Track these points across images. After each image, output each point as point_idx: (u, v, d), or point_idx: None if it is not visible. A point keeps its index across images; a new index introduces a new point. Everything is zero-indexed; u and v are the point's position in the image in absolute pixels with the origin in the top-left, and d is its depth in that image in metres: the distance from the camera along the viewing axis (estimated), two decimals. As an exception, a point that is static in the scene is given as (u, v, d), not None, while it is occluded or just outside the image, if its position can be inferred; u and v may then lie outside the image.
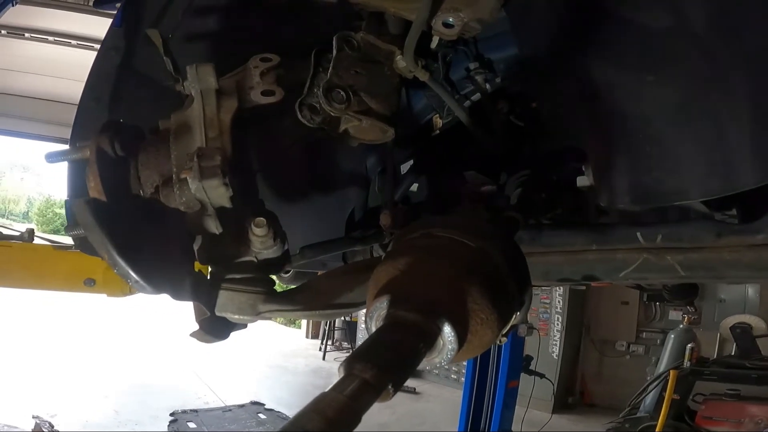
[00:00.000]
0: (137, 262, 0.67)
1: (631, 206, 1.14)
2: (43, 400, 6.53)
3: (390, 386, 0.47)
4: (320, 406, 0.42)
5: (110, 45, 1.37)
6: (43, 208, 35.86)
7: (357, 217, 1.67)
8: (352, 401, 0.44)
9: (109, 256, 0.64)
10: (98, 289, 3.00)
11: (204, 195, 0.74)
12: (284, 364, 10.37)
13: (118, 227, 0.65)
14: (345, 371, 0.47)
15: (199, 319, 0.82)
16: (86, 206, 0.64)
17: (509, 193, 1.33)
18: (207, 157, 0.73)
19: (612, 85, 1.06)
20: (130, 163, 0.81)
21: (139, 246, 0.69)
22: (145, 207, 0.78)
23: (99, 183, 0.70)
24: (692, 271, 1.22)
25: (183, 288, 0.77)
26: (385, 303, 0.58)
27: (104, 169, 0.73)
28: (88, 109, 1.39)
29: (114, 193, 0.72)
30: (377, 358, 0.49)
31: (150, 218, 0.76)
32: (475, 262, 0.65)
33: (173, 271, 0.76)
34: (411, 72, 1.15)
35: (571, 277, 1.42)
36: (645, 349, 8.10)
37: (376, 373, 0.47)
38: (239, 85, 0.97)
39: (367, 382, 0.46)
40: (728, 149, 0.91)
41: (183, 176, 0.74)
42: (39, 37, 8.24)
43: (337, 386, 0.45)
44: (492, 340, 0.63)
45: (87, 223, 0.63)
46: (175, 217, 0.77)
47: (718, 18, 0.90)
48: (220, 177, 0.73)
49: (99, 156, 0.73)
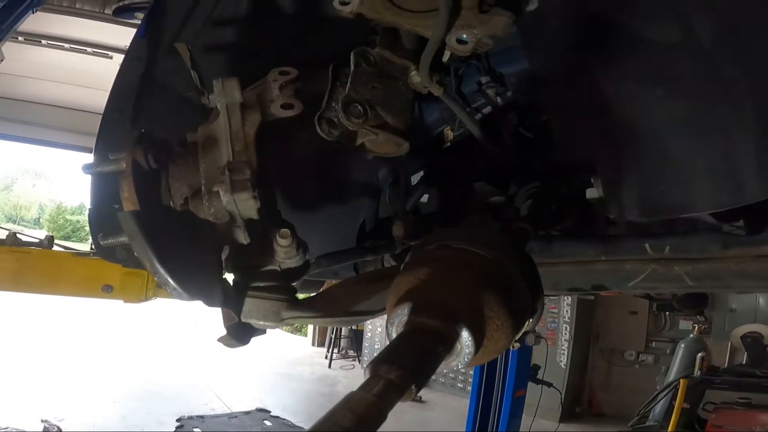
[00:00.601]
0: (175, 271, 0.71)
1: (640, 218, 1.17)
2: (52, 403, 6.58)
3: (413, 386, 0.51)
4: (350, 404, 0.46)
5: (134, 55, 1.39)
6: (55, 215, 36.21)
7: (368, 228, 1.70)
8: (379, 400, 0.48)
9: (151, 265, 0.69)
10: (115, 296, 3.05)
11: (234, 207, 0.78)
12: (290, 371, 10.39)
13: (156, 237, 0.70)
14: (371, 373, 0.51)
15: (228, 325, 0.86)
16: (132, 217, 0.69)
17: (519, 204, 1.35)
18: (237, 171, 0.77)
19: (621, 99, 1.09)
20: (161, 175, 0.85)
21: (175, 255, 0.73)
22: (176, 218, 0.82)
23: (134, 194, 0.74)
24: (700, 281, 1.24)
25: (214, 295, 0.82)
26: (407, 310, 0.61)
27: (138, 181, 0.77)
28: (112, 120, 1.41)
29: (147, 204, 0.76)
30: (401, 360, 0.53)
31: (182, 229, 0.80)
32: (490, 272, 0.69)
33: (205, 279, 0.81)
34: (426, 87, 1.18)
35: (581, 287, 1.45)
36: (654, 358, 8.05)
37: (401, 374, 0.51)
38: (260, 98, 1.00)
39: (392, 383, 0.50)
40: (735, 163, 0.94)
41: (215, 189, 0.78)
42: (55, 45, 8.34)
43: (365, 386, 0.49)
44: (506, 345, 0.67)
45: (132, 233, 0.68)
46: (205, 227, 0.81)
47: (725, 33, 0.93)
48: (250, 190, 0.77)
49: (134, 168, 0.77)
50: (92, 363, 8.89)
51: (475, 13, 0.97)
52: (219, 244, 0.86)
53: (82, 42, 8.39)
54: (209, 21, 1.35)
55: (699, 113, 0.98)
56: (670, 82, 1.01)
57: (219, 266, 0.87)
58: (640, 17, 1.03)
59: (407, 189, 1.59)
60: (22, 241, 3.13)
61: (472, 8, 0.96)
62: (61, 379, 7.76)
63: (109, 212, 1.38)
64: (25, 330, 10.40)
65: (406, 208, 1.55)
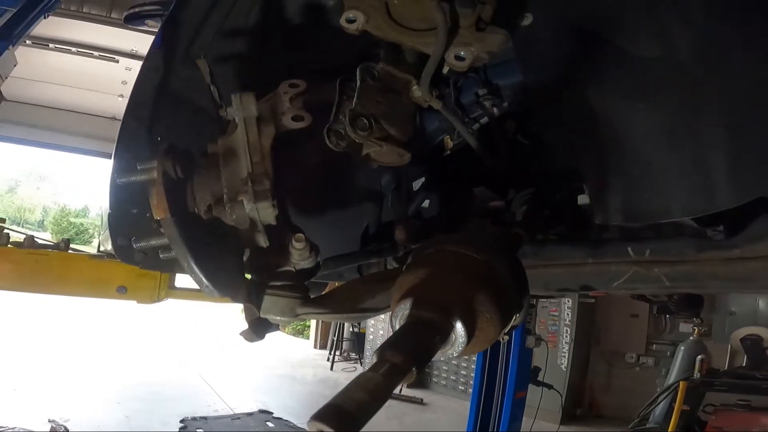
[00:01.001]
0: (207, 271, 0.80)
1: (623, 223, 1.24)
2: (58, 404, 6.67)
3: (414, 369, 0.60)
4: (361, 382, 0.56)
5: (150, 65, 1.43)
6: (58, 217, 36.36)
7: (371, 232, 1.76)
8: (385, 379, 0.57)
9: (188, 266, 0.78)
10: (129, 297, 3.15)
11: (256, 214, 0.87)
12: (292, 373, 10.44)
13: (191, 241, 0.79)
14: (378, 357, 0.61)
15: (249, 320, 0.95)
16: (173, 223, 0.78)
17: (515, 210, 1.42)
18: (258, 181, 0.86)
19: (607, 111, 1.15)
20: (187, 184, 0.93)
21: (205, 257, 0.82)
22: (202, 224, 0.91)
23: (164, 202, 0.82)
24: (676, 282, 1.32)
25: (240, 292, 0.91)
26: (408, 305, 0.71)
27: (167, 190, 0.85)
28: (130, 128, 1.45)
29: (175, 211, 0.84)
30: (403, 347, 0.63)
31: (208, 233, 0.88)
32: (481, 273, 0.78)
33: (232, 279, 0.90)
34: (426, 102, 1.23)
35: (570, 287, 1.53)
36: (655, 361, 8.08)
37: (403, 358, 0.60)
38: (273, 110, 1.05)
39: (396, 365, 0.59)
40: (708, 172, 1.00)
41: (239, 198, 0.87)
42: (63, 48, 8.39)
43: (374, 368, 0.59)
44: (495, 336, 0.76)
45: (173, 237, 0.77)
46: (229, 232, 0.90)
47: (700, 47, 0.99)
48: (270, 199, 0.86)
49: (165, 177, 0.85)
50: (97, 364, 8.97)
51: (471, 31, 1.04)
52: (241, 247, 0.95)
53: (89, 46, 8.41)
54: (220, 32, 1.39)
55: (676, 125, 1.05)
56: (650, 95, 1.08)
57: (242, 267, 0.96)
58: (625, 32, 1.09)
59: (409, 195, 1.66)
60: (39, 244, 3.23)
61: (469, 27, 1.04)
62: (67, 379, 7.84)
63: (128, 216, 1.46)
64: (32, 330, 10.48)
65: (407, 213, 1.62)
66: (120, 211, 1.46)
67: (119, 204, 1.45)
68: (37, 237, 3.55)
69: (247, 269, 0.96)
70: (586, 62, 1.17)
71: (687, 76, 1.01)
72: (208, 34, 1.39)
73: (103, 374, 8.43)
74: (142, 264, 1.44)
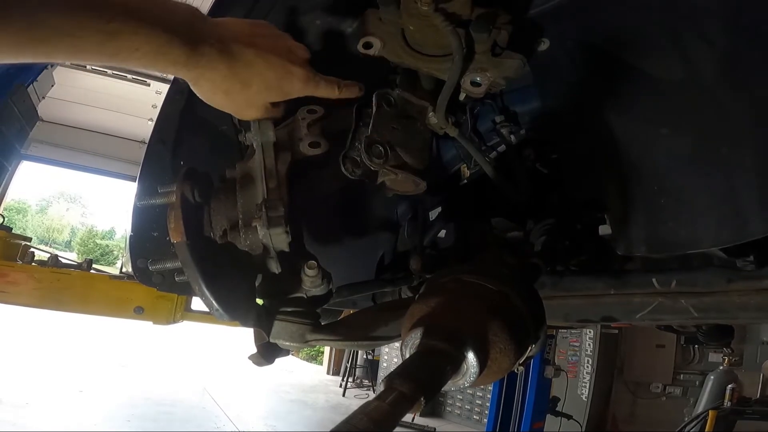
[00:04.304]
0: (218, 295, 0.81)
1: (647, 254, 1.21)
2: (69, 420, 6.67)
3: (422, 399, 0.59)
4: (367, 410, 0.55)
5: (176, 89, 1.43)
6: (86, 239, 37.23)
7: (387, 261, 1.75)
8: (392, 408, 0.56)
9: (199, 289, 0.78)
10: (146, 317, 3.21)
11: (269, 240, 0.87)
12: (304, 398, 10.33)
13: (203, 265, 0.79)
14: (386, 385, 0.60)
15: (258, 344, 0.94)
16: (186, 246, 0.79)
17: (534, 240, 1.39)
18: (273, 208, 0.87)
19: (629, 138, 1.13)
20: (204, 209, 0.95)
21: (218, 281, 0.82)
22: (217, 248, 0.91)
23: (181, 225, 0.83)
24: (705, 314, 1.27)
25: (249, 317, 0.91)
26: (419, 333, 0.70)
27: (185, 214, 0.87)
28: (155, 152, 1.46)
29: (191, 235, 0.85)
30: (412, 376, 0.61)
31: (221, 258, 0.89)
32: (496, 303, 0.77)
33: (242, 303, 0.90)
34: (442, 129, 1.22)
35: (591, 319, 1.49)
36: (682, 390, 7.80)
37: (412, 387, 0.59)
38: (290, 136, 1.05)
39: (404, 394, 0.58)
40: (738, 199, 0.97)
41: (253, 224, 0.87)
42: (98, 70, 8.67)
43: (380, 396, 0.58)
44: (509, 367, 0.75)
45: (185, 260, 0.78)
46: (242, 257, 0.91)
47: (727, 70, 0.96)
48: (283, 225, 0.86)
49: (183, 202, 0.87)
50: (110, 381, 9.01)
51: (488, 56, 1.04)
52: (254, 272, 0.95)
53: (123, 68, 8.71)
54: None
55: (702, 150, 1.02)
56: (674, 120, 1.05)
57: (253, 292, 0.96)
58: (646, 55, 1.08)
59: (425, 224, 1.65)
60: (62, 263, 3.33)
61: (485, 52, 1.03)
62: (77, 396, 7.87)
63: (148, 239, 1.48)
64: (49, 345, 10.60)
65: (423, 242, 1.61)
66: (141, 234, 1.47)
67: (140, 226, 1.47)
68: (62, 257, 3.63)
69: (259, 294, 0.96)
70: (606, 87, 1.16)
71: (712, 99, 0.98)
72: None
73: (115, 391, 8.45)
74: (160, 286, 1.45)
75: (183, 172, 0.93)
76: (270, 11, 1.39)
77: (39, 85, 4.47)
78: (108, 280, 3.28)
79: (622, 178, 1.17)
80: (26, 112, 4.45)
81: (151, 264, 0.90)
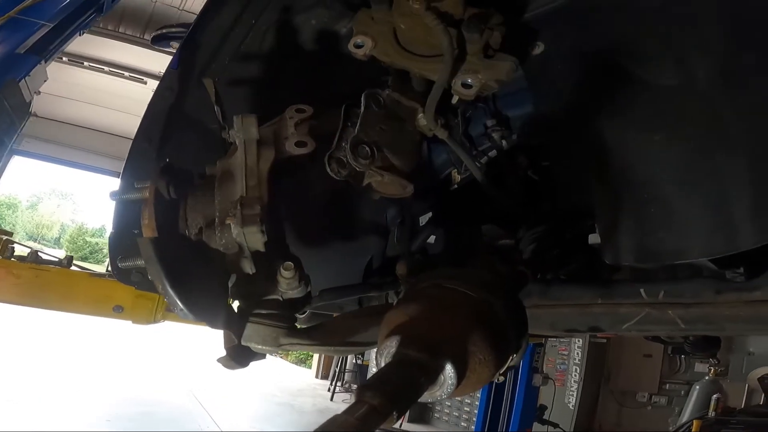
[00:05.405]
0: (184, 294, 0.77)
1: (636, 264, 1.18)
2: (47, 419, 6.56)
3: (394, 413, 0.55)
4: (334, 426, 0.51)
5: (166, 85, 1.42)
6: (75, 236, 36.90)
7: (375, 265, 1.72)
8: (361, 423, 0.52)
9: (163, 287, 0.75)
10: (125, 317, 3.15)
11: (243, 239, 0.84)
12: (291, 401, 10.24)
13: (170, 262, 0.76)
14: (356, 397, 0.56)
15: (228, 347, 0.91)
16: (149, 243, 0.75)
17: (524, 248, 1.37)
18: (249, 206, 0.84)
19: (621, 144, 1.11)
20: (180, 205, 0.91)
21: (186, 280, 0.79)
22: (190, 246, 0.88)
23: (153, 222, 0.80)
24: (692, 325, 1.25)
25: (218, 318, 0.87)
26: (395, 342, 0.66)
27: (158, 210, 0.83)
28: (140, 148, 1.44)
29: (164, 232, 0.82)
30: (385, 388, 0.58)
31: (194, 256, 0.86)
32: (476, 311, 0.74)
33: (211, 303, 0.86)
34: (431, 130, 1.20)
35: (578, 328, 1.46)
36: (668, 400, 7.83)
37: (383, 400, 0.55)
38: (276, 135, 1.02)
39: (375, 408, 0.54)
40: (729, 210, 0.94)
41: (227, 222, 0.84)
42: (96, 67, 8.59)
43: (349, 410, 0.54)
44: (489, 378, 0.71)
45: (148, 258, 0.74)
46: (216, 256, 0.87)
47: (722, 76, 0.94)
48: (258, 224, 0.83)
49: (156, 197, 0.84)
50: (89, 381, 8.86)
51: (479, 58, 1.02)
52: (227, 272, 0.92)
53: (120, 65, 8.64)
54: (236, 56, 1.39)
55: (695, 158, 1.00)
56: (667, 127, 1.03)
57: (225, 292, 0.92)
58: (641, 60, 1.06)
59: (414, 229, 1.62)
60: (42, 259, 3.26)
61: (476, 53, 1.02)
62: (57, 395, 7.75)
63: (128, 236, 1.44)
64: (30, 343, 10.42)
65: (411, 248, 1.58)
66: (122, 232, 1.44)
67: (122, 224, 1.44)
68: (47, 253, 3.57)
69: (232, 295, 0.93)
70: (599, 92, 1.14)
71: (706, 106, 0.97)
72: (225, 57, 1.39)
73: (94, 391, 8.31)
74: (139, 285, 1.41)
75: (160, 168, 0.91)
76: (264, 10, 1.37)
77: (31, 80, 4.40)
78: (88, 277, 3.22)
79: (612, 186, 1.15)
80: (17, 107, 4.37)
81: (120, 261, 0.86)
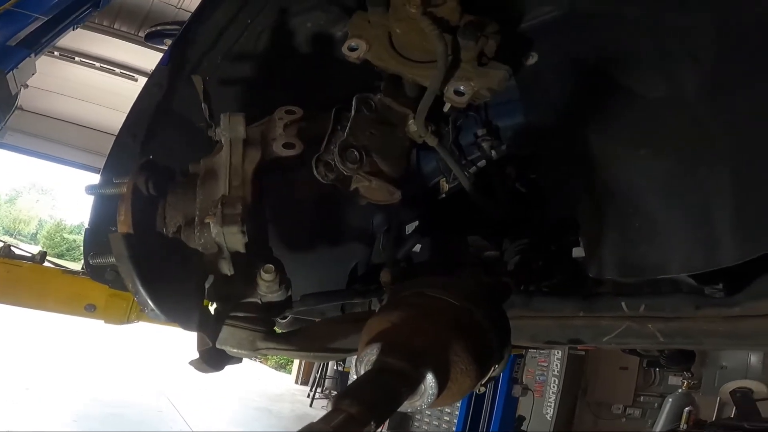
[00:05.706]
0: (156, 294, 0.74)
1: (618, 278, 1.18)
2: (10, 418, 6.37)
3: (372, 423, 0.53)
4: (308, 435, 0.49)
5: (155, 82, 1.40)
6: (53, 232, 36.11)
7: (360, 272, 1.70)
8: (337, 433, 0.50)
9: (133, 285, 0.72)
10: (98, 316, 3.07)
11: (222, 239, 0.82)
12: (270, 406, 10.11)
13: (143, 260, 0.73)
14: (333, 406, 0.54)
15: (201, 349, 0.88)
16: (121, 239, 0.72)
17: (508, 259, 1.36)
18: (230, 205, 0.81)
19: (608, 157, 1.11)
20: (159, 203, 0.88)
21: (159, 279, 0.76)
22: (167, 244, 0.85)
23: (129, 218, 0.78)
24: (671, 338, 1.25)
25: (191, 320, 0.85)
26: (375, 350, 0.64)
27: (136, 206, 0.81)
28: (123, 144, 1.41)
29: (141, 229, 0.80)
30: (363, 397, 0.56)
31: (170, 255, 0.83)
32: (459, 320, 0.72)
33: (185, 304, 0.84)
34: (421, 137, 1.18)
35: (558, 340, 1.46)
36: (642, 412, 7.93)
37: (361, 409, 0.53)
38: (263, 135, 1.01)
39: (353, 417, 0.52)
40: (711, 226, 0.94)
41: (207, 221, 0.82)
42: (87, 62, 8.47)
43: (326, 418, 0.52)
44: (471, 388, 0.70)
45: (119, 254, 0.71)
46: (193, 256, 0.85)
47: (710, 89, 0.95)
48: (239, 224, 0.80)
49: (134, 194, 0.81)
50: (58, 381, 8.63)
51: (473, 65, 1.02)
52: (204, 272, 0.89)
53: (112, 62, 8.54)
54: (229, 55, 1.37)
55: (680, 172, 1.00)
56: (654, 140, 1.03)
57: (201, 293, 0.90)
58: (632, 72, 1.06)
59: (401, 237, 1.60)
60: (15, 254, 3.16)
61: (470, 61, 1.01)
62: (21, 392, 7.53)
63: (104, 233, 1.40)
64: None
65: (396, 255, 1.56)
66: (98, 228, 1.40)
67: (98, 221, 1.41)
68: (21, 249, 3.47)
69: (209, 297, 0.90)
70: (590, 104, 1.14)
71: (693, 119, 0.97)
72: (217, 56, 1.38)
73: (64, 391, 8.09)
74: (113, 284, 1.37)
75: (140, 164, 0.88)
76: (261, 11, 1.36)
77: (20, 72, 4.30)
78: (60, 274, 3.14)
79: (598, 199, 1.15)
80: (2, 99, 4.27)
81: (92, 258, 0.83)
